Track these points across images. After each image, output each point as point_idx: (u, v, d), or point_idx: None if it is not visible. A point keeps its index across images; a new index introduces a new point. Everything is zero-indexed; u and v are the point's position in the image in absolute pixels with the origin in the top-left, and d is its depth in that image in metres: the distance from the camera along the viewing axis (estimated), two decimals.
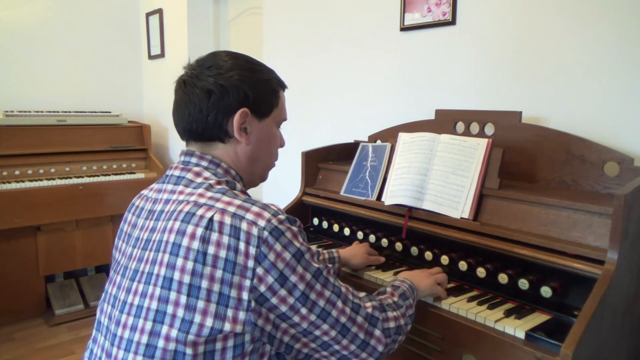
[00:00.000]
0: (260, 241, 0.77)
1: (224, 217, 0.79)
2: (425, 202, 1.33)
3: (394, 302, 0.99)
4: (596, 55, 1.38)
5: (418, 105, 1.88)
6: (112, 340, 0.83)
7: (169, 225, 0.82)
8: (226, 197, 0.83)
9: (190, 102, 0.91)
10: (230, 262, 0.77)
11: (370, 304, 0.92)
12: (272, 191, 2.73)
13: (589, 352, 0.90)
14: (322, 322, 0.82)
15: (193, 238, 0.78)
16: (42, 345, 2.64)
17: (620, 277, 0.99)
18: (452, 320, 1.08)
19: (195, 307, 0.76)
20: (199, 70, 0.93)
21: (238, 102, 0.91)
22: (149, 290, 0.80)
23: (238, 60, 0.95)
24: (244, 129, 0.94)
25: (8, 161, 2.81)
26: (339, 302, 0.84)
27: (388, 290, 1.04)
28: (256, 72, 0.95)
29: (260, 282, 0.77)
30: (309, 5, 2.34)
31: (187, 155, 0.94)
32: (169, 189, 0.91)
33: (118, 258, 0.94)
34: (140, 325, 0.79)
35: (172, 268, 0.78)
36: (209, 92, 0.90)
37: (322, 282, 0.83)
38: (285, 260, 0.79)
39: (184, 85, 0.93)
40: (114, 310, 0.86)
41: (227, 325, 0.76)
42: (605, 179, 1.26)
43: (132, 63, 3.73)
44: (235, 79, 0.91)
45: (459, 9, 1.70)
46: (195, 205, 0.82)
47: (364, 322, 0.88)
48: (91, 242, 3.05)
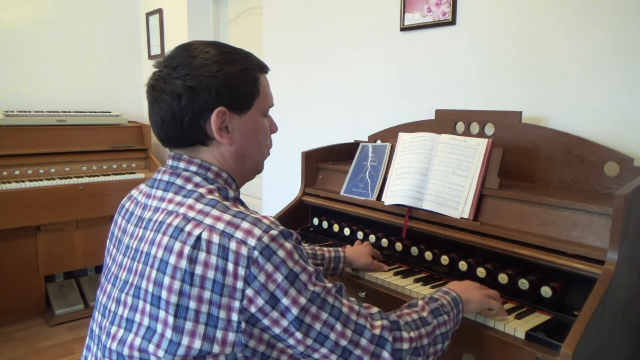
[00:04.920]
0: (250, 261, 0.73)
1: (212, 235, 0.75)
2: (425, 202, 1.33)
3: (419, 318, 0.90)
4: (596, 55, 1.38)
5: (418, 105, 1.88)
6: (103, 351, 0.82)
7: (157, 239, 0.79)
8: (216, 211, 0.78)
9: (161, 108, 0.85)
10: (218, 284, 0.73)
11: (380, 323, 0.83)
12: (272, 191, 2.73)
13: (589, 352, 0.90)
14: (320, 346, 0.77)
15: (180, 257, 0.75)
16: (42, 345, 2.64)
17: (620, 277, 0.98)
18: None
19: (183, 329, 0.74)
20: (166, 71, 0.85)
21: (212, 102, 0.84)
22: (139, 305, 0.78)
23: (209, 52, 0.86)
24: (225, 128, 0.87)
25: (8, 161, 2.82)
26: (337, 325, 0.78)
27: (419, 304, 0.94)
28: (228, 64, 0.86)
29: (250, 304, 0.73)
30: (309, 5, 2.34)
31: (175, 160, 0.89)
32: (158, 195, 0.86)
33: (109, 264, 0.92)
34: (129, 340, 0.78)
35: (160, 286, 0.76)
36: (178, 95, 0.83)
37: (319, 305, 0.77)
38: (276, 282, 0.74)
39: (152, 90, 0.87)
40: (105, 320, 0.84)
41: (216, 348, 0.73)
42: (605, 179, 1.26)
43: (132, 63, 3.73)
44: (206, 77, 0.83)
45: (459, 9, 1.70)
46: (184, 220, 0.78)
47: (368, 345, 0.80)
48: (91, 242, 3.05)
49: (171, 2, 3.33)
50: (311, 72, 2.37)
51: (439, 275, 1.31)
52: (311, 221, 1.73)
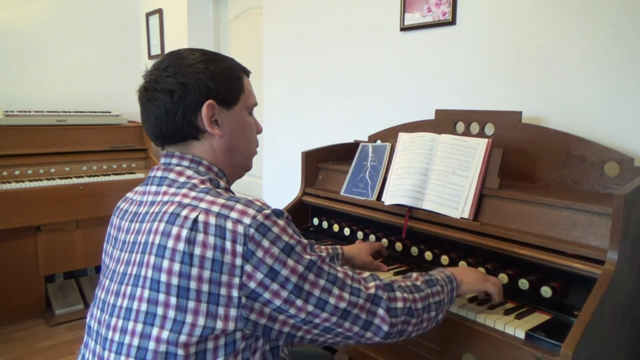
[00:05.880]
0: (247, 239, 0.77)
1: (209, 217, 0.78)
2: (425, 202, 1.33)
3: (413, 284, 0.96)
4: (596, 55, 1.38)
5: (418, 105, 1.88)
6: (103, 344, 0.83)
7: (154, 227, 0.82)
8: (209, 197, 0.82)
9: (154, 107, 0.91)
10: (217, 262, 0.76)
11: (374, 284, 0.89)
12: (272, 191, 2.73)
13: (589, 352, 0.90)
14: (321, 311, 0.81)
15: (178, 239, 0.78)
16: (42, 345, 2.64)
17: (620, 277, 0.98)
18: (452, 320, 1.08)
19: (186, 308, 0.76)
20: (157, 73, 0.92)
21: (202, 96, 0.91)
22: (137, 292, 0.80)
23: (194, 55, 0.94)
24: (215, 121, 0.94)
25: (8, 161, 2.81)
26: (334, 289, 0.82)
27: (414, 275, 1.01)
28: (214, 63, 0.94)
29: (250, 279, 0.76)
30: (309, 5, 2.34)
31: (168, 157, 0.94)
32: (152, 191, 0.90)
33: (107, 263, 0.93)
34: (130, 328, 0.79)
35: (159, 270, 0.78)
36: (171, 92, 0.90)
37: (316, 272, 0.81)
38: (274, 256, 0.77)
39: (145, 91, 0.93)
40: (104, 314, 0.85)
41: (220, 324, 0.76)
42: (605, 179, 1.26)
43: (132, 63, 3.73)
44: (195, 74, 0.91)
45: (459, 9, 1.70)
46: (180, 206, 0.82)
47: (365, 303, 0.85)
48: (91, 242, 3.05)
49: (171, 2, 3.33)
50: (311, 72, 2.37)
51: None
52: (311, 221, 1.73)
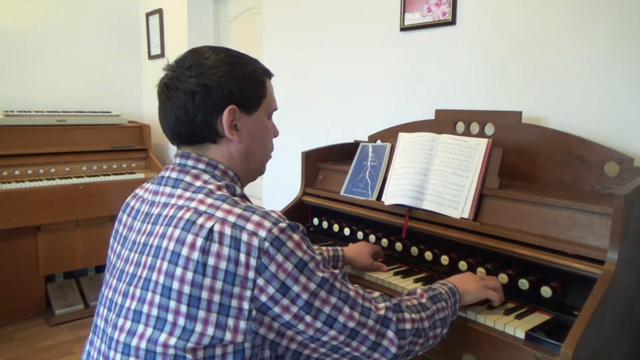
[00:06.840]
0: (261, 252, 0.76)
1: (224, 228, 0.78)
2: (425, 202, 1.33)
3: (419, 303, 0.94)
4: (596, 55, 1.38)
5: (418, 105, 1.88)
6: (109, 344, 0.82)
7: (169, 232, 0.81)
8: (226, 205, 0.81)
9: (174, 106, 0.89)
10: (230, 274, 0.76)
11: (384, 305, 0.88)
12: (272, 191, 2.73)
13: (589, 352, 0.90)
14: (329, 329, 0.80)
15: (193, 248, 0.77)
16: (42, 345, 2.64)
17: (620, 277, 0.99)
18: (453, 321, 1.07)
19: (197, 317, 0.76)
20: (180, 71, 0.90)
21: (224, 100, 0.89)
22: (147, 296, 0.80)
23: (219, 55, 0.91)
24: (234, 126, 0.92)
25: (8, 161, 2.81)
26: (345, 308, 0.82)
27: (418, 292, 0.99)
28: (239, 66, 0.91)
29: (261, 293, 0.76)
30: (309, 5, 2.34)
31: (183, 158, 0.92)
32: (167, 192, 0.89)
33: (113, 260, 0.93)
34: (139, 331, 0.79)
35: (171, 277, 0.78)
36: (193, 93, 0.87)
37: (328, 290, 0.81)
38: (287, 271, 0.77)
39: (166, 88, 0.91)
40: (111, 313, 0.85)
41: (228, 335, 0.76)
42: (605, 179, 1.26)
43: (132, 63, 3.73)
44: (218, 76, 0.88)
45: (459, 9, 1.70)
46: (196, 213, 0.81)
47: (375, 325, 0.84)
48: (91, 242, 3.05)
49: (171, 2, 3.33)
50: (311, 72, 2.37)
51: (439, 275, 1.31)
52: (311, 221, 1.73)
